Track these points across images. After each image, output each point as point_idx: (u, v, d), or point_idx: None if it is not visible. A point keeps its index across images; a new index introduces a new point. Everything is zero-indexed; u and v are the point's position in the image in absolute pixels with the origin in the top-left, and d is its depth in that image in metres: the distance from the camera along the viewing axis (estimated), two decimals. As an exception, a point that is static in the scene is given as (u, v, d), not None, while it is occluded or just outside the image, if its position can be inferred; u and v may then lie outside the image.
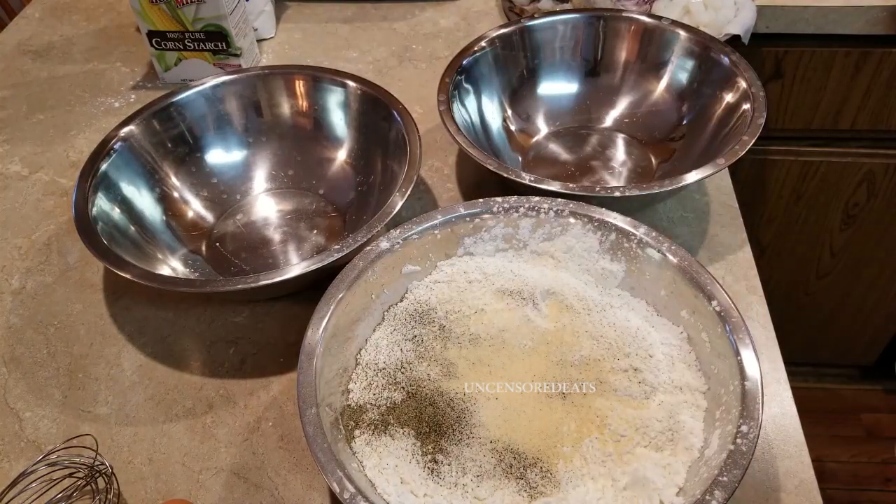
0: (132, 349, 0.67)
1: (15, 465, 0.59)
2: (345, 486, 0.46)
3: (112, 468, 0.57)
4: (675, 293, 0.59)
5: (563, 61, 0.87)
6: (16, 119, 0.94)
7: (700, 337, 0.56)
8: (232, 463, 0.59)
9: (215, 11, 0.89)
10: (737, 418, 0.48)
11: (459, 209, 0.64)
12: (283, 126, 0.82)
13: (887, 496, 1.43)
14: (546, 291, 0.63)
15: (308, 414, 0.50)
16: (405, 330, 0.61)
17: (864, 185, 1.14)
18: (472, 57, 0.81)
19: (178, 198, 0.77)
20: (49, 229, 0.79)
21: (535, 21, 0.85)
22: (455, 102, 0.77)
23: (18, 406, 0.64)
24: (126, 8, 1.12)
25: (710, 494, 0.44)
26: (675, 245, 0.59)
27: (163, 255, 0.71)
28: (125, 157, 0.74)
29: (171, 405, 0.63)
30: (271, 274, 0.60)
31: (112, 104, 0.96)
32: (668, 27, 0.83)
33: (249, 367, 0.65)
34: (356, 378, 0.58)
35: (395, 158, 0.72)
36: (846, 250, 1.26)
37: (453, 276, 0.64)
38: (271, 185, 0.81)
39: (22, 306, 0.72)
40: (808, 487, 0.55)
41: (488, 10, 1.07)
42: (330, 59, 1.00)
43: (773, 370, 0.61)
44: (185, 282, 0.66)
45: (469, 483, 0.51)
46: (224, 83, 0.81)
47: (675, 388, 0.56)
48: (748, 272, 0.69)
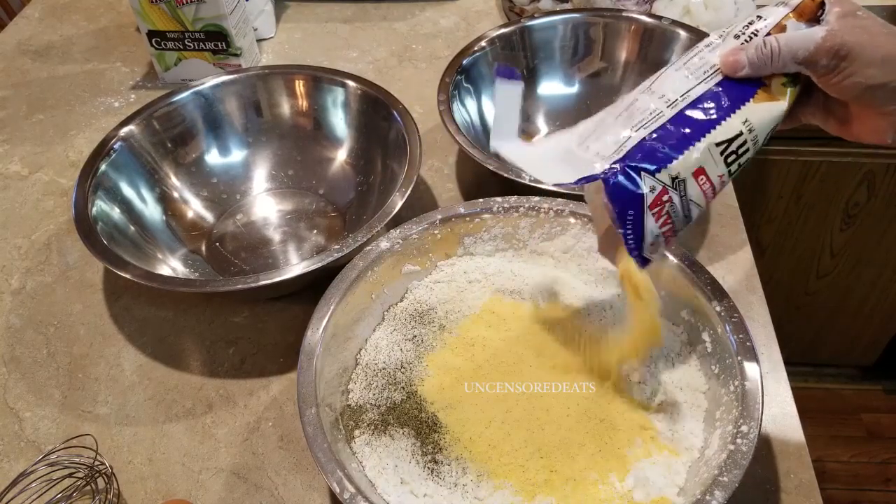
0: (132, 349, 0.67)
1: (15, 465, 0.59)
2: (345, 486, 0.46)
3: (112, 468, 0.57)
4: (675, 293, 0.59)
5: (563, 61, 0.87)
6: (15, 119, 0.94)
7: (700, 337, 0.56)
8: (232, 463, 0.59)
9: (215, 11, 0.89)
10: (737, 418, 0.48)
11: (459, 209, 0.64)
12: (283, 126, 0.82)
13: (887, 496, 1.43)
14: (546, 291, 0.63)
15: (308, 414, 0.50)
16: (405, 330, 0.61)
17: (864, 185, 1.14)
18: (472, 57, 0.81)
19: (177, 198, 0.77)
20: (49, 229, 0.79)
21: (535, 21, 0.85)
22: (455, 102, 0.77)
23: (18, 406, 0.64)
24: (126, 8, 1.12)
25: (710, 494, 0.44)
26: (675, 245, 0.59)
27: (163, 255, 0.71)
28: (125, 157, 0.74)
29: (170, 405, 0.63)
30: (271, 274, 0.60)
31: (112, 104, 0.96)
32: (668, 27, 0.82)
33: (249, 367, 0.65)
34: (356, 378, 0.58)
35: (395, 158, 0.72)
36: (846, 250, 1.26)
37: (453, 276, 0.64)
38: (271, 185, 0.81)
39: (22, 306, 0.72)
40: (808, 487, 0.55)
41: (488, 10, 1.07)
42: (330, 59, 1.00)
43: (773, 370, 0.61)
44: (185, 282, 0.66)
45: (469, 483, 0.51)
46: (224, 83, 0.81)
47: (675, 388, 0.56)
48: (748, 272, 0.69)
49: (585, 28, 0.86)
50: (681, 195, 0.45)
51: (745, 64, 0.46)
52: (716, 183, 0.47)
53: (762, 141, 0.48)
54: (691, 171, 0.45)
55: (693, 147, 0.45)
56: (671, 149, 0.45)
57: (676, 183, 0.45)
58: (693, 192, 0.46)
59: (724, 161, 0.46)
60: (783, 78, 0.47)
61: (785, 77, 0.47)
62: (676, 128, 0.46)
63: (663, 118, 0.46)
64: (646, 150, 0.45)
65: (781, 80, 0.47)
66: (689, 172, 0.45)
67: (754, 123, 0.46)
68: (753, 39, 0.46)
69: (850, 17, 0.44)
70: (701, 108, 0.46)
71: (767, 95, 0.47)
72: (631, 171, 0.44)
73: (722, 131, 0.46)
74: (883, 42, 0.43)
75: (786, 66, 0.46)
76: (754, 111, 0.46)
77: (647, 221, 0.45)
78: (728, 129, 0.46)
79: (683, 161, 0.45)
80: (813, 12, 0.46)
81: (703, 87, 0.47)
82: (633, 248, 0.46)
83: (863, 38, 0.43)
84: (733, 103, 0.46)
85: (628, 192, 0.44)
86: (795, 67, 0.46)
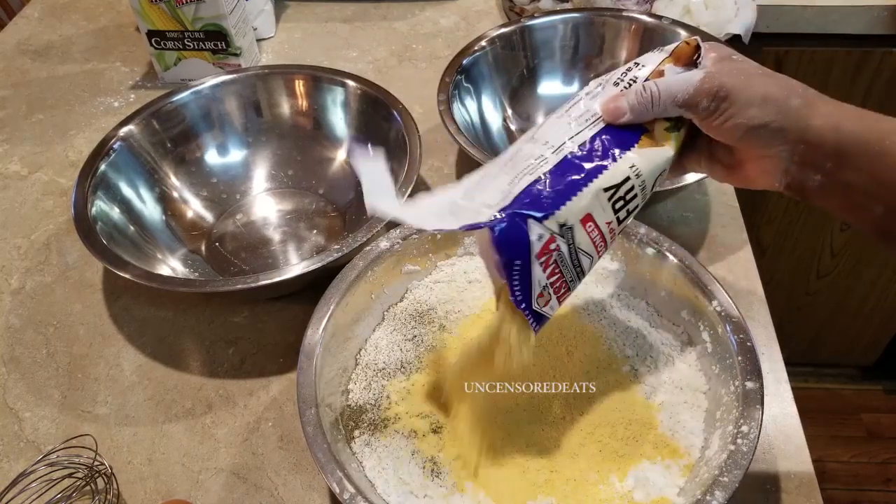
0: (132, 349, 0.67)
1: (15, 465, 0.59)
2: (345, 486, 0.46)
3: (111, 468, 0.57)
4: (675, 293, 0.58)
5: (563, 61, 0.87)
6: (15, 119, 0.94)
7: (700, 337, 0.56)
8: (232, 463, 0.59)
9: (215, 11, 0.89)
10: (737, 418, 0.48)
11: (459, 209, 0.63)
12: (283, 126, 0.82)
13: (888, 496, 1.43)
14: (546, 291, 0.63)
15: (308, 414, 0.50)
16: (405, 330, 0.61)
17: (865, 185, 1.14)
18: (472, 57, 0.81)
19: (177, 198, 0.77)
20: (48, 229, 0.79)
21: (536, 20, 0.85)
22: (455, 102, 0.77)
23: (18, 406, 0.64)
24: (126, 7, 1.12)
25: (711, 494, 0.44)
26: (675, 245, 0.59)
27: (162, 255, 0.71)
28: (125, 156, 0.74)
29: (170, 405, 0.63)
30: (271, 274, 0.60)
31: (112, 104, 0.96)
32: (668, 27, 0.82)
33: (249, 367, 0.65)
34: (356, 378, 0.58)
35: (395, 158, 0.72)
36: (846, 250, 1.26)
37: (453, 276, 0.64)
38: (271, 185, 0.81)
39: (21, 306, 0.72)
40: (809, 487, 0.55)
41: (488, 10, 1.07)
42: (330, 59, 0.99)
43: (774, 370, 0.61)
44: (185, 282, 0.66)
45: (469, 483, 0.51)
46: (224, 83, 0.80)
47: (676, 388, 0.56)
48: (748, 272, 0.69)
49: (585, 28, 0.85)
50: (568, 243, 0.44)
51: (627, 109, 0.45)
52: (604, 230, 0.45)
53: (650, 188, 0.46)
54: (579, 217, 0.44)
55: (581, 193, 0.43)
56: (558, 195, 0.43)
57: (564, 230, 0.43)
58: (581, 240, 0.44)
59: (612, 207, 0.45)
60: (666, 123, 0.46)
61: (667, 122, 0.46)
62: (563, 173, 0.44)
63: (549, 164, 0.44)
64: (532, 196, 0.43)
65: (664, 125, 0.46)
66: (577, 219, 0.44)
67: (641, 169, 0.45)
68: (633, 85, 0.46)
69: (726, 60, 0.44)
70: (586, 153, 0.45)
71: (651, 141, 0.46)
72: (518, 218, 0.42)
73: (609, 176, 0.44)
74: (760, 82, 0.43)
75: (666, 109, 0.45)
76: (640, 156, 0.45)
77: (535, 271, 0.43)
78: (615, 174, 0.44)
79: (571, 207, 0.43)
80: (689, 57, 0.46)
81: (587, 134, 0.46)
82: (521, 299, 0.43)
83: (740, 80, 0.43)
84: (619, 149, 0.45)
85: (515, 240, 0.42)
86: (676, 111, 0.45)
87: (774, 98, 0.43)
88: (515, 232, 0.42)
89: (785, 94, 0.43)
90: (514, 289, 0.43)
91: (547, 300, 0.45)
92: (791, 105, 0.43)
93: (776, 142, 0.43)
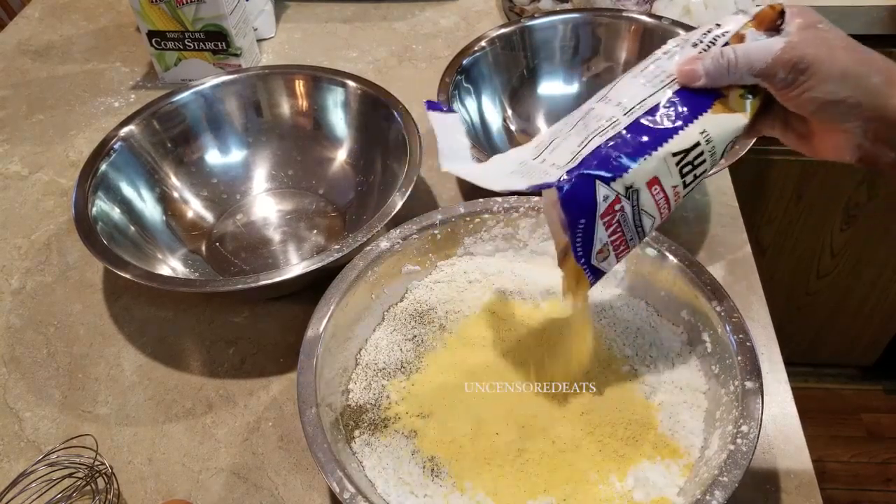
0: (132, 349, 0.67)
1: (15, 465, 0.59)
2: (345, 486, 0.46)
3: (112, 468, 0.57)
4: (675, 293, 0.59)
5: (563, 61, 0.87)
6: (15, 119, 0.94)
7: (700, 337, 0.56)
8: (232, 463, 0.59)
9: (215, 11, 0.89)
10: (737, 418, 0.48)
11: (459, 209, 0.63)
12: (283, 126, 0.82)
13: (888, 496, 1.43)
14: (546, 291, 0.63)
15: (308, 414, 0.50)
16: (405, 330, 0.61)
17: (864, 185, 1.14)
18: (472, 57, 0.81)
19: (177, 198, 0.77)
20: (49, 229, 0.79)
21: (536, 21, 0.85)
22: (455, 102, 0.77)
23: (18, 406, 0.64)
24: (126, 8, 1.12)
25: (710, 494, 0.44)
26: (675, 245, 0.59)
27: (162, 255, 0.71)
28: (125, 157, 0.74)
29: (170, 405, 0.63)
30: (271, 274, 0.60)
31: (112, 104, 0.96)
32: (668, 27, 0.82)
33: (249, 367, 0.65)
34: (356, 378, 0.58)
35: (395, 158, 0.72)
36: (846, 250, 1.26)
37: (453, 276, 0.64)
38: (271, 185, 0.81)
39: (22, 306, 0.72)
40: (809, 487, 0.55)
41: (488, 10, 1.07)
42: (330, 59, 0.99)
43: (773, 370, 0.61)
44: (185, 282, 0.66)
45: (469, 483, 0.51)
46: (224, 83, 0.81)
47: (676, 388, 0.56)
48: (748, 272, 0.69)
49: (585, 28, 0.85)
50: (633, 205, 0.44)
51: (702, 74, 0.44)
52: (669, 194, 0.45)
53: (720, 154, 0.46)
54: (645, 180, 0.44)
55: (649, 156, 0.44)
56: (626, 157, 0.43)
57: (630, 192, 0.44)
58: (646, 202, 0.45)
59: (680, 171, 0.45)
60: (741, 90, 0.45)
61: (743, 89, 0.45)
62: (633, 136, 0.44)
63: (619, 126, 0.45)
64: (601, 158, 0.44)
65: (739, 91, 0.45)
66: (644, 182, 0.44)
67: (712, 135, 0.45)
68: (711, 49, 0.45)
69: (811, 28, 0.43)
70: (658, 116, 0.45)
71: (725, 107, 0.45)
72: (585, 178, 0.43)
73: (679, 141, 0.44)
74: (842, 56, 0.42)
75: (742, 77, 0.44)
76: (712, 122, 0.45)
77: (598, 229, 0.44)
78: (685, 138, 0.44)
79: (638, 170, 0.43)
80: (772, 21, 0.45)
81: (661, 96, 0.45)
82: (581, 255, 0.45)
83: (822, 52, 0.42)
84: (691, 113, 0.45)
85: (581, 201, 0.43)
86: (752, 80, 0.44)
87: (855, 74, 0.42)
88: (582, 192, 0.43)
89: (866, 70, 0.42)
90: (577, 246, 0.45)
91: (605, 256, 0.46)
92: (871, 82, 0.42)
93: (851, 118, 0.42)
